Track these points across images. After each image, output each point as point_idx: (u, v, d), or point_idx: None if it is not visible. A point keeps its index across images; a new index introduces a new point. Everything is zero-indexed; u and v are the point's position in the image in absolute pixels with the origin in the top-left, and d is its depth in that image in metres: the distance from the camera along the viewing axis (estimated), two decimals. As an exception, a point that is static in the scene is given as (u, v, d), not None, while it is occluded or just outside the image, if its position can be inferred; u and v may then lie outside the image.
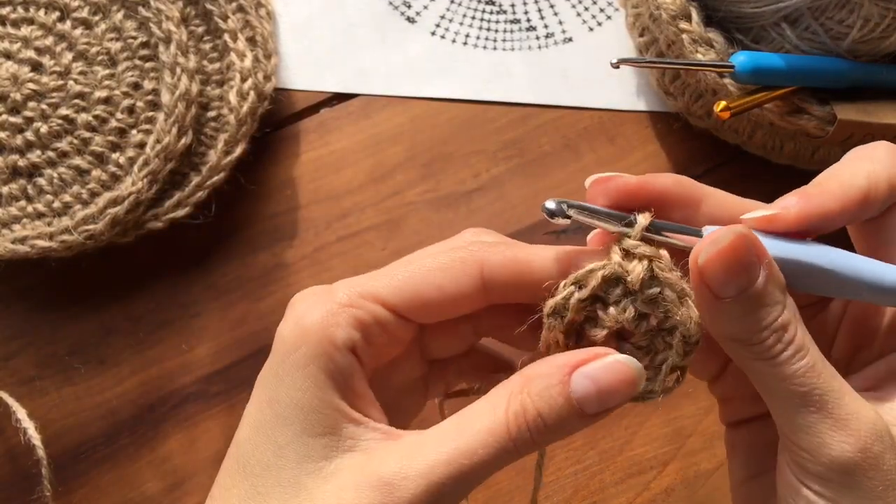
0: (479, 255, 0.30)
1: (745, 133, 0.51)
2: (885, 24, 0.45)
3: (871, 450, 0.26)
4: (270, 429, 0.28)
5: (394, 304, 0.30)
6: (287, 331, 0.29)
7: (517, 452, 0.27)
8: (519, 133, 0.55)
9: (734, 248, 0.26)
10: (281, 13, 0.56)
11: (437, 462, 0.26)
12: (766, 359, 0.27)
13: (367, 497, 0.26)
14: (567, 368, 0.27)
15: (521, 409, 0.27)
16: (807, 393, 0.26)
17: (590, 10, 0.57)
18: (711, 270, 0.26)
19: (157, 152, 0.49)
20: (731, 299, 0.26)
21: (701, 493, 0.48)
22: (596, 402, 0.27)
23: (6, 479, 0.48)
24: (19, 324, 0.51)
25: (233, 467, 0.29)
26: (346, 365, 0.29)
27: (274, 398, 0.28)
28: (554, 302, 0.29)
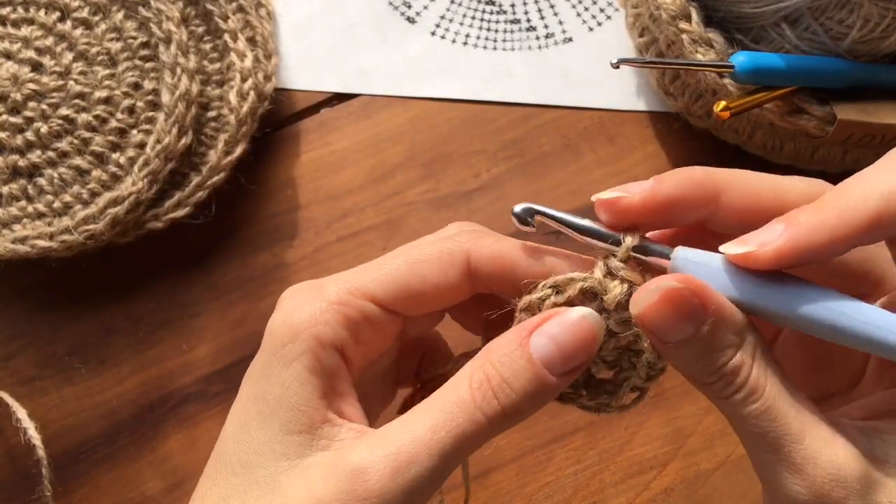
0: (467, 246, 0.30)
1: (745, 133, 0.51)
2: (885, 24, 0.45)
3: (829, 496, 0.26)
4: (253, 426, 0.28)
5: (382, 299, 0.30)
6: (276, 326, 0.29)
7: (489, 424, 0.27)
8: (519, 133, 0.55)
9: (667, 302, 0.26)
10: (281, 13, 0.56)
11: (403, 443, 0.26)
12: (720, 398, 0.27)
13: (336, 486, 0.26)
14: (525, 332, 0.27)
15: (484, 377, 0.27)
16: (762, 434, 0.26)
17: (590, 10, 0.57)
18: (648, 321, 0.26)
19: (157, 152, 0.49)
20: (675, 345, 0.26)
21: (701, 493, 0.48)
22: (560, 361, 0.27)
23: (6, 479, 0.48)
24: (19, 324, 0.51)
25: (216, 465, 0.29)
26: (332, 364, 0.29)
27: (259, 395, 0.29)
28: (529, 299, 0.29)
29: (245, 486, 0.28)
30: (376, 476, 0.26)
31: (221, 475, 0.29)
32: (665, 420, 0.49)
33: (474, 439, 0.27)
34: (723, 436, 0.49)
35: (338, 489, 0.26)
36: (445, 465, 0.27)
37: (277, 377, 0.28)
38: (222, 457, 0.29)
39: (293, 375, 0.28)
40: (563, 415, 0.49)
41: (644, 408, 0.50)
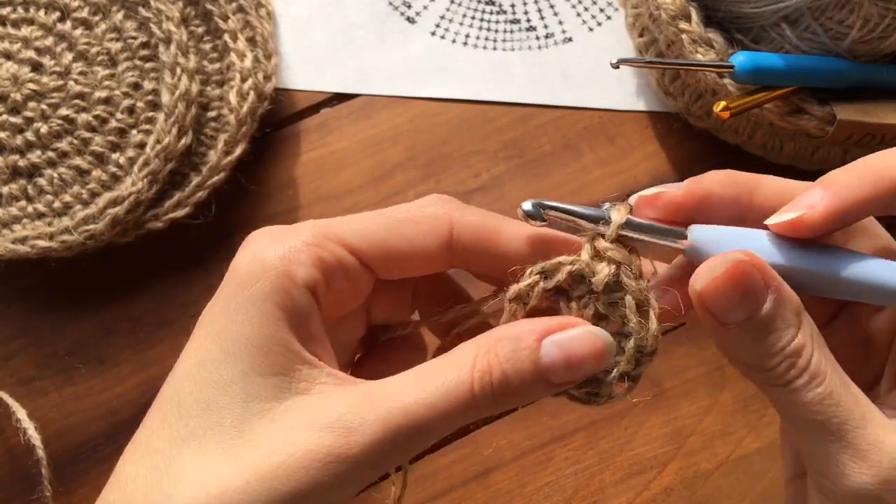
0: (451, 214, 0.29)
1: (745, 133, 0.51)
2: (885, 24, 0.45)
3: (894, 482, 0.25)
4: (215, 365, 0.26)
5: (360, 250, 0.29)
6: (243, 264, 0.28)
7: (477, 411, 0.26)
8: (519, 133, 0.55)
9: (732, 277, 0.25)
10: (281, 13, 0.56)
11: (396, 409, 0.25)
12: (780, 385, 0.26)
13: (320, 437, 0.25)
14: (538, 334, 0.27)
15: (487, 367, 0.26)
16: (824, 421, 0.25)
17: (590, 10, 0.57)
18: (710, 299, 0.26)
19: (157, 152, 0.49)
20: (736, 326, 0.26)
21: (701, 493, 0.48)
22: (562, 372, 0.27)
23: (6, 479, 0.48)
24: (19, 324, 0.51)
25: (165, 406, 0.27)
26: (304, 304, 0.27)
27: (222, 333, 0.27)
28: (518, 288, 0.28)
29: (206, 428, 0.26)
30: (364, 437, 0.25)
31: (173, 416, 0.26)
32: (665, 420, 0.49)
33: (459, 421, 0.26)
34: (723, 436, 0.49)
35: (321, 443, 0.25)
36: (427, 440, 0.26)
37: (245, 314, 0.27)
38: (174, 397, 0.27)
39: (264, 313, 0.26)
40: (563, 415, 0.49)
41: (644, 408, 0.50)
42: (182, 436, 0.26)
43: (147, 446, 0.26)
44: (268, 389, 0.26)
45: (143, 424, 0.27)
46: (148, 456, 0.26)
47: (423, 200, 0.31)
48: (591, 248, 0.28)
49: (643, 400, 0.50)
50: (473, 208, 0.30)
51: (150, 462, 0.26)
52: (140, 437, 0.27)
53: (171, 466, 0.25)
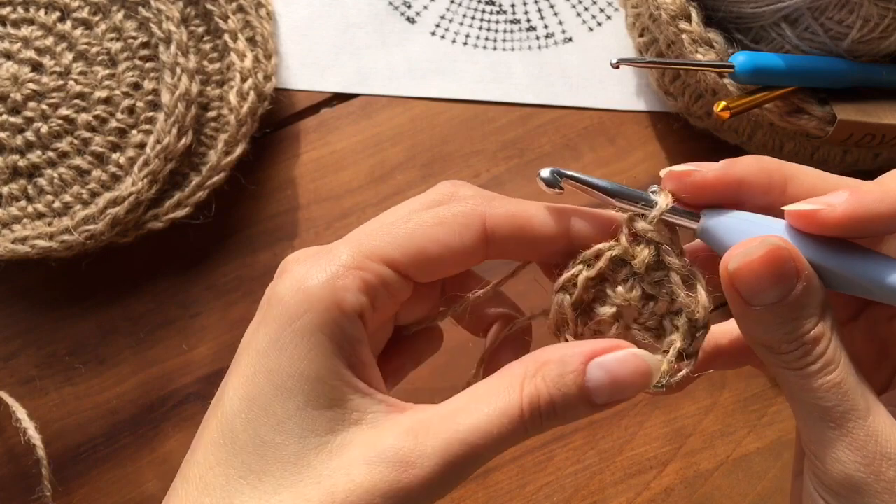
0: (481, 209, 0.29)
1: (745, 133, 0.51)
2: (885, 24, 0.45)
3: (885, 474, 0.26)
4: (268, 401, 0.26)
5: (399, 263, 0.28)
6: (288, 295, 0.27)
7: (525, 434, 0.27)
8: (519, 133, 0.55)
9: (767, 262, 0.26)
10: (281, 13, 0.56)
11: (453, 440, 0.26)
12: (793, 369, 0.27)
13: (381, 473, 0.25)
14: (584, 357, 0.27)
15: (535, 393, 0.26)
16: (829, 408, 0.26)
17: (590, 10, 0.57)
18: (742, 280, 0.26)
19: (157, 152, 0.49)
20: (761, 308, 0.26)
21: (701, 492, 0.48)
22: (607, 394, 0.27)
23: (6, 479, 0.48)
24: (19, 324, 0.51)
25: (218, 442, 0.26)
26: (354, 333, 0.27)
27: (273, 369, 0.26)
28: (563, 279, 0.29)
29: (264, 464, 0.26)
30: (425, 471, 0.25)
31: (228, 453, 0.26)
32: (665, 420, 0.49)
33: (508, 446, 0.27)
34: (723, 436, 0.49)
35: (382, 477, 0.25)
36: (479, 465, 0.27)
37: (295, 349, 0.26)
38: (227, 434, 0.26)
39: (314, 346, 0.26)
40: (563, 415, 0.49)
41: (644, 408, 0.50)
42: (240, 473, 0.26)
43: (203, 483, 0.26)
44: (323, 423, 0.26)
45: (194, 461, 0.27)
46: (206, 493, 0.26)
47: (438, 192, 0.31)
48: (628, 231, 0.28)
49: (643, 400, 0.50)
50: (496, 196, 0.30)
51: (209, 500, 0.26)
52: (193, 473, 0.27)
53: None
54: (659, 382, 0.29)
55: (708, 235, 0.28)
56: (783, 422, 0.49)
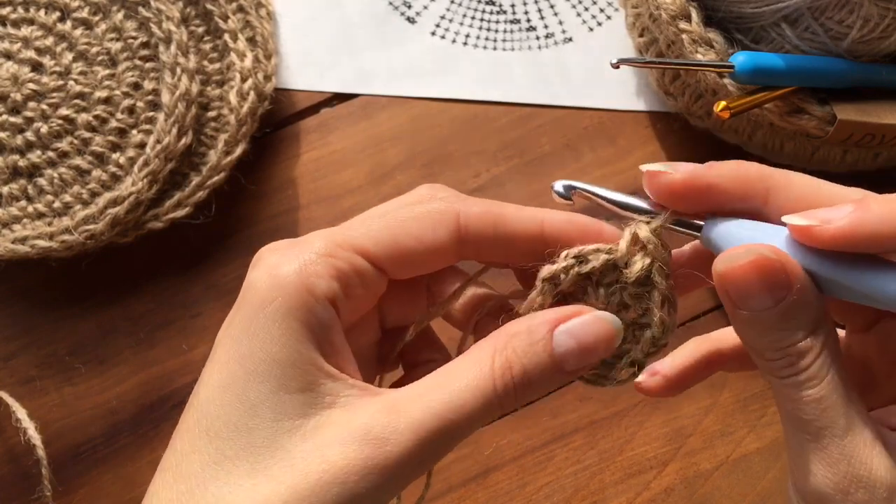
0: (456, 206, 0.30)
1: (745, 133, 0.51)
2: (885, 24, 0.45)
3: (854, 496, 0.26)
4: (241, 387, 0.26)
5: (372, 254, 0.29)
6: (260, 281, 0.27)
7: (500, 408, 0.27)
8: (519, 133, 0.55)
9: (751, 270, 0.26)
10: (281, 13, 0.56)
11: (426, 416, 0.26)
12: (777, 377, 0.27)
13: (355, 452, 0.25)
14: (550, 325, 0.27)
15: (506, 364, 0.27)
16: (808, 421, 0.26)
17: (590, 10, 0.57)
18: (731, 282, 0.26)
19: (157, 152, 0.49)
20: (749, 314, 0.26)
21: (701, 492, 0.48)
22: (576, 359, 0.27)
23: (6, 479, 0.48)
24: (19, 324, 0.51)
25: (192, 430, 0.27)
26: (325, 318, 0.27)
27: (245, 354, 0.27)
28: (553, 269, 0.29)
29: (238, 449, 0.26)
30: (399, 448, 0.25)
31: (203, 440, 0.26)
32: (665, 420, 0.49)
33: (484, 421, 0.27)
34: (723, 436, 0.49)
35: (355, 455, 0.25)
36: (456, 441, 0.27)
37: (267, 334, 0.27)
38: (202, 421, 0.26)
39: (286, 331, 0.26)
40: (563, 415, 0.49)
41: (644, 408, 0.50)
42: (214, 459, 0.26)
43: (179, 471, 0.26)
44: (296, 407, 0.26)
45: (172, 449, 0.27)
46: (181, 480, 0.26)
47: (417, 194, 0.31)
48: (630, 239, 0.29)
49: (643, 400, 0.50)
50: (471, 198, 0.31)
51: (184, 487, 0.26)
52: (170, 463, 0.27)
53: (207, 490, 0.25)
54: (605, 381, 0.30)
55: (711, 244, 0.28)
56: (783, 422, 0.49)
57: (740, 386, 0.50)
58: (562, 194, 0.30)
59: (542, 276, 0.29)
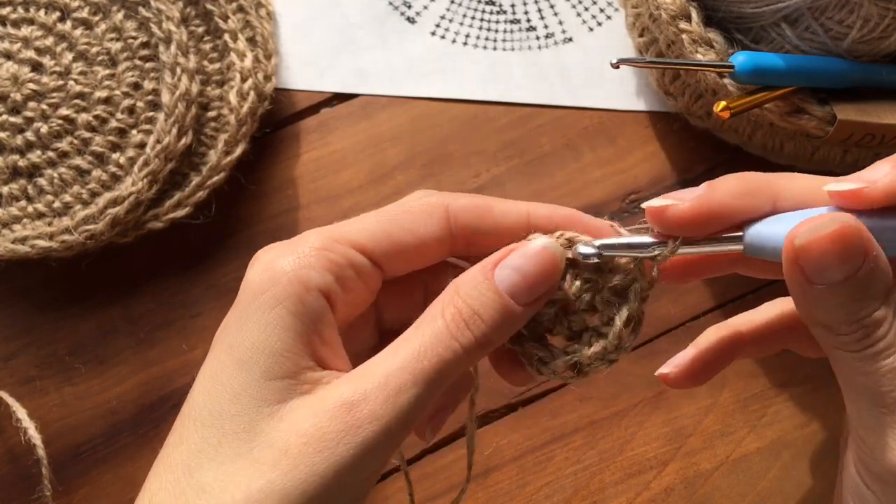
0: (445, 199, 0.31)
1: (745, 133, 0.51)
2: (885, 24, 0.45)
3: None
4: (227, 375, 0.27)
5: (367, 247, 0.29)
6: (254, 276, 0.28)
7: (465, 353, 0.27)
8: (519, 133, 0.55)
9: (836, 239, 0.25)
10: (281, 13, 0.56)
11: (389, 372, 0.26)
12: (850, 351, 0.26)
13: (328, 420, 0.26)
14: (489, 265, 0.28)
15: (456, 311, 0.27)
16: (885, 393, 0.26)
17: (590, 10, 0.57)
18: (808, 256, 0.26)
19: (157, 152, 0.49)
20: (825, 287, 0.26)
21: (701, 492, 0.48)
22: (525, 290, 0.28)
23: (6, 479, 0.48)
24: (19, 324, 0.51)
25: (184, 421, 0.27)
26: (317, 308, 0.28)
27: (234, 343, 0.27)
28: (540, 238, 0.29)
29: (220, 436, 0.26)
30: (369, 406, 0.26)
31: (189, 429, 0.27)
32: (665, 420, 0.49)
33: (454, 367, 0.27)
34: (723, 436, 0.49)
35: (330, 423, 0.26)
36: (431, 392, 0.27)
37: (255, 323, 0.27)
38: (191, 412, 0.27)
39: (274, 319, 0.27)
40: (563, 415, 0.49)
41: (644, 408, 0.50)
42: (199, 447, 0.26)
43: (168, 461, 0.27)
44: (275, 393, 0.27)
45: (166, 442, 0.28)
46: (169, 470, 0.27)
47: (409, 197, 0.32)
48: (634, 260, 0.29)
49: (643, 400, 0.50)
50: (462, 193, 0.32)
51: (172, 476, 0.26)
52: (163, 454, 0.28)
53: (193, 478, 0.26)
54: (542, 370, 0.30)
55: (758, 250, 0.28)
56: (783, 422, 0.49)
57: (740, 386, 0.50)
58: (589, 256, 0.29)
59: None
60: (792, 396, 0.50)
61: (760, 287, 0.51)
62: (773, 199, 0.28)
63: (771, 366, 0.50)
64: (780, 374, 0.50)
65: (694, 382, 0.36)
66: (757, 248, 0.28)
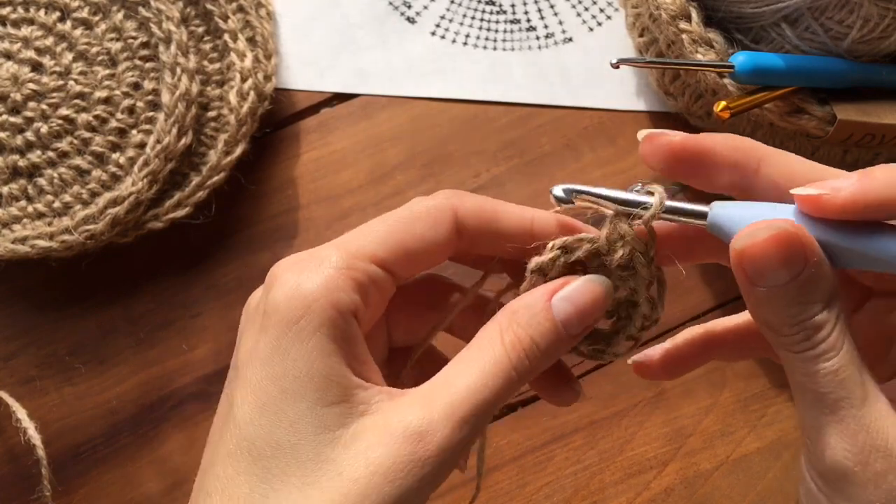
0: (451, 201, 0.31)
1: (745, 133, 0.51)
2: (885, 24, 0.45)
3: (873, 465, 0.26)
4: (278, 406, 0.27)
5: (384, 259, 0.30)
6: (284, 302, 0.28)
7: (519, 380, 0.28)
8: (519, 133, 0.55)
9: (772, 244, 0.26)
10: (281, 13, 0.56)
11: (456, 402, 0.27)
12: (793, 351, 0.27)
13: (397, 449, 0.26)
14: (546, 296, 0.29)
15: (516, 339, 0.28)
16: (825, 395, 0.26)
17: (590, 10, 0.57)
18: (748, 260, 0.26)
19: (157, 152, 0.49)
20: (766, 290, 0.27)
21: (701, 492, 0.48)
22: (577, 321, 0.29)
23: (6, 479, 0.48)
24: (19, 324, 0.51)
25: (235, 453, 0.27)
26: (351, 331, 0.28)
27: (279, 374, 0.27)
28: (540, 261, 0.31)
29: (284, 466, 0.26)
30: (438, 437, 0.26)
31: (247, 461, 0.27)
32: (665, 420, 0.49)
33: (507, 396, 0.28)
34: (723, 436, 0.49)
35: (399, 452, 0.26)
36: (487, 422, 0.28)
37: (298, 352, 0.27)
38: (243, 443, 0.27)
39: (315, 347, 0.27)
40: (563, 415, 0.49)
41: (644, 408, 0.50)
42: (262, 478, 0.26)
43: (227, 494, 0.27)
44: (334, 418, 0.27)
45: (213, 475, 0.28)
46: (232, 502, 0.27)
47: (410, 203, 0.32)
48: (611, 228, 0.30)
49: (643, 399, 0.50)
50: (467, 193, 0.32)
51: None
52: (215, 487, 0.27)
53: None
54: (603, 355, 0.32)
55: (719, 228, 0.29)
56: (783, 422, 0.49)
57: (740, 386, 0.50)
58: (561, 198, 0.31)
59: (531, 268, 0.31)
60: (792, 396, 0.50)
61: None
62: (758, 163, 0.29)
63: (771, 366, 0.50)
64: (780, 374, 0.50)
65: (664, 375, 0.37)
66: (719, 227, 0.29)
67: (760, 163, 0.29)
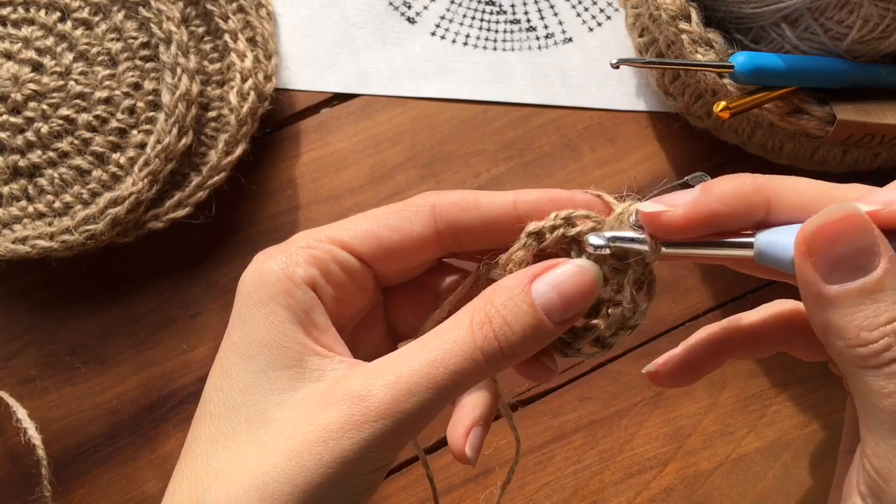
0: (430, 198, 0.31)
1: (745, 133, 0.51)
2: (885, 25, 0.45)
3: None
4: (235, 371, 0.28)
5: (353, 246, 0.30)
6: (247, 278, 0.30)
7: (487, 363, 0.27)
8: (519, 133, 0.55)
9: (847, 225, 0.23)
10: (281, 13, 0.56)
11: (403, 373, 0.27)
12: (869, 366, 0.23)
13: (336, 411, 0.26)
14: (527, 278, 0.28)
15: (485, 318, 0.27)
16: None
17: (590, 11, 0.57)
18: (820, 244, 0.24)
19: (157, 152, 0.49)
20: (839, 286, 0.23)
21: (700, 492, 0.48)
22: (560, 309, 0.27)
23: (6, 479, 0.48)
24: (20, 324, 0.51)
25: (201, 418, 0.29)
26: (306, 300, 0.29)
27: (237, 341, 0.29)
28: (539, 225, 0.29)
29: (234, 426, 0.28)
30: (376, 401, 0.26)
31: (205, 424, 0.28)
32: (665, 420, 0.49)
33: (471, 377, 0.27)
34: (723, 436, 0.49)
35: (337, 415, 0.26)
36: (442, 400, 0.27)
37: (254, 320, 0.29)
38: (206, 407, 0.29)
39: (269, 314, 0.29)
40: (563, 415, 0.49)
41: (644, 408, 0.50)
42: (214, 437, 0.28)
43: (188, 455, 0.29)
44: (284, 381, 0.28)
45: (186, 439, 0.30)
46: (189, 462, 0.28)
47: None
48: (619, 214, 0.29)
49: (643, 399, 0.50)
50: (452, 190, 0.32)
51: (192, 467, 0.28)
52: (184, 450, 0.29)
53: (209, 466, 0.27)
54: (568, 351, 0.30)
55: (768, 258, 0.27)
56: (783, 422, 0.49)
57: (740, 386, 0.50)
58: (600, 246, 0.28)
59: (527, 230, 0.29)
60: (792, 396, 0.50)
61: (760, 287, 0.51)
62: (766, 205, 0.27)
63: (771, 366, 0.50)
64: (780, 374, 0.50)
65: (682, 382, 0.36)
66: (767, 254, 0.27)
67: (769, 203, 0.27)
